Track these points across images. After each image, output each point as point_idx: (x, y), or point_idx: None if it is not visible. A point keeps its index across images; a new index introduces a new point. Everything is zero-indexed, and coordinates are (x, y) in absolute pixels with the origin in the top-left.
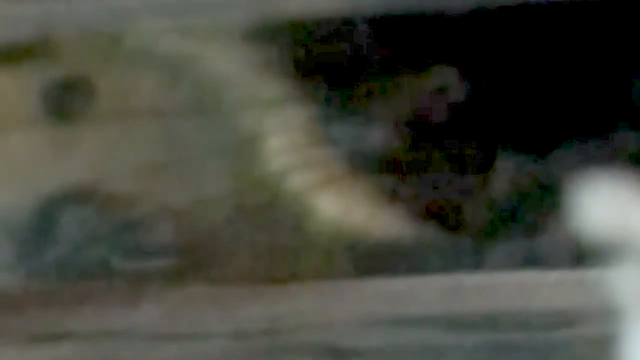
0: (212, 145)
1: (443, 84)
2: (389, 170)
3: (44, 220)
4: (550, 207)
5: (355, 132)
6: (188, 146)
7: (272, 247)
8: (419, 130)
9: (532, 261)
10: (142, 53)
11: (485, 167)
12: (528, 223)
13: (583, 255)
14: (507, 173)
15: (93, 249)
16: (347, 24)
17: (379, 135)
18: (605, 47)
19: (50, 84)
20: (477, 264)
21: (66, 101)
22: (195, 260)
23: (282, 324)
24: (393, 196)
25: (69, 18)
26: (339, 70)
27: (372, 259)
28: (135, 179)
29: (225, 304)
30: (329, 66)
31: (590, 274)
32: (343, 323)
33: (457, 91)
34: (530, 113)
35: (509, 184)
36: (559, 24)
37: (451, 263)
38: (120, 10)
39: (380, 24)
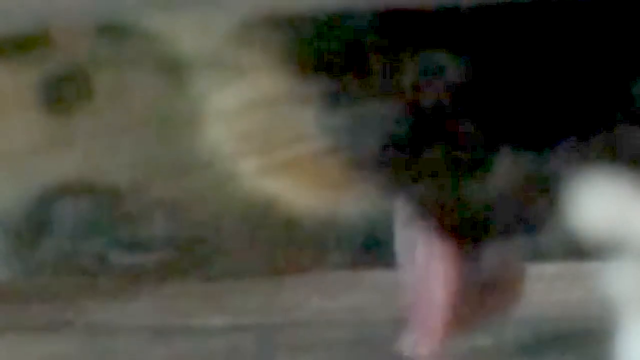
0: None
1: (440, 68)
2: (382, 161)
3: (40, 213)
4: (549, 203)
5: (346, 118)
6: (183, 140)
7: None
8: (416, 121)
9: (530, 256)
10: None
11: (484, 162)
12: (526, 219)
13: (581, 251)
14: (506, 168)
15: (89, 242)
16: (341, 14)
17: (372, 124)
18: (606, 43)
19: (48, 76)
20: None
21: (64, 94)
22: (191, 253)
23: (279, 318)
24: (388, 188)
25: (67, 11)
26: (331, 59)
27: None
28: (132, 172)
29: (221, 297)
30: (322, 55)
31: (588, 270)
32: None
33: (455, 76)
34: (529, 109)
35: (508, 179)
36: (560, 19)
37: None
38: (118, 3)
39: (377, 15)
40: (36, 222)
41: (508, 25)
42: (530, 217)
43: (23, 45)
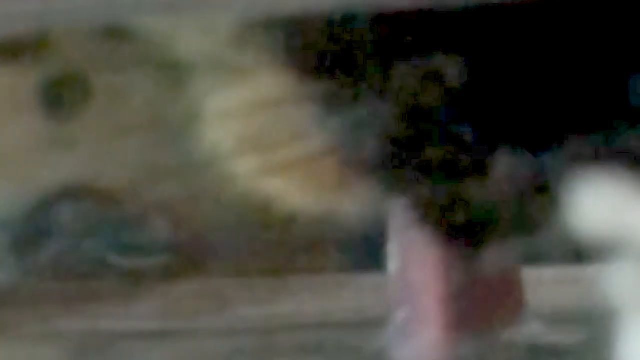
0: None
1: (439, 70)
2: (381, 160)
3: (40, 216)
4: (548, 204)
5: (343, 119)
6: (182, 143)
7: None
8: (415, 122)
9: (530, 258)
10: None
11: (482, 164)
12: (525, 220)
13: (580, 252)
14: (504, 170)
15: (89, 245)
16: (339, 15)
17: (371, 125)
18: (605, 44)
19: (48, 79)
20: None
21: (63, 96)
22: (191, 255)
23: (278, 320)
24: (387, 189)
25: (66, 13)
26: (330, 60)
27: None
28: (131, 175)
29: (221, 299)
30: (320, 56)
31: (587, 272)
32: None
33: (453, 77)
34: (528, 110)
35: (507, 180)
36: (558, 20)
37: None
38: (118, 6)
39: (376, 15)
40: (36, 226)
41: (506, 26)
42: (529, 219)
43: (22, 48)
